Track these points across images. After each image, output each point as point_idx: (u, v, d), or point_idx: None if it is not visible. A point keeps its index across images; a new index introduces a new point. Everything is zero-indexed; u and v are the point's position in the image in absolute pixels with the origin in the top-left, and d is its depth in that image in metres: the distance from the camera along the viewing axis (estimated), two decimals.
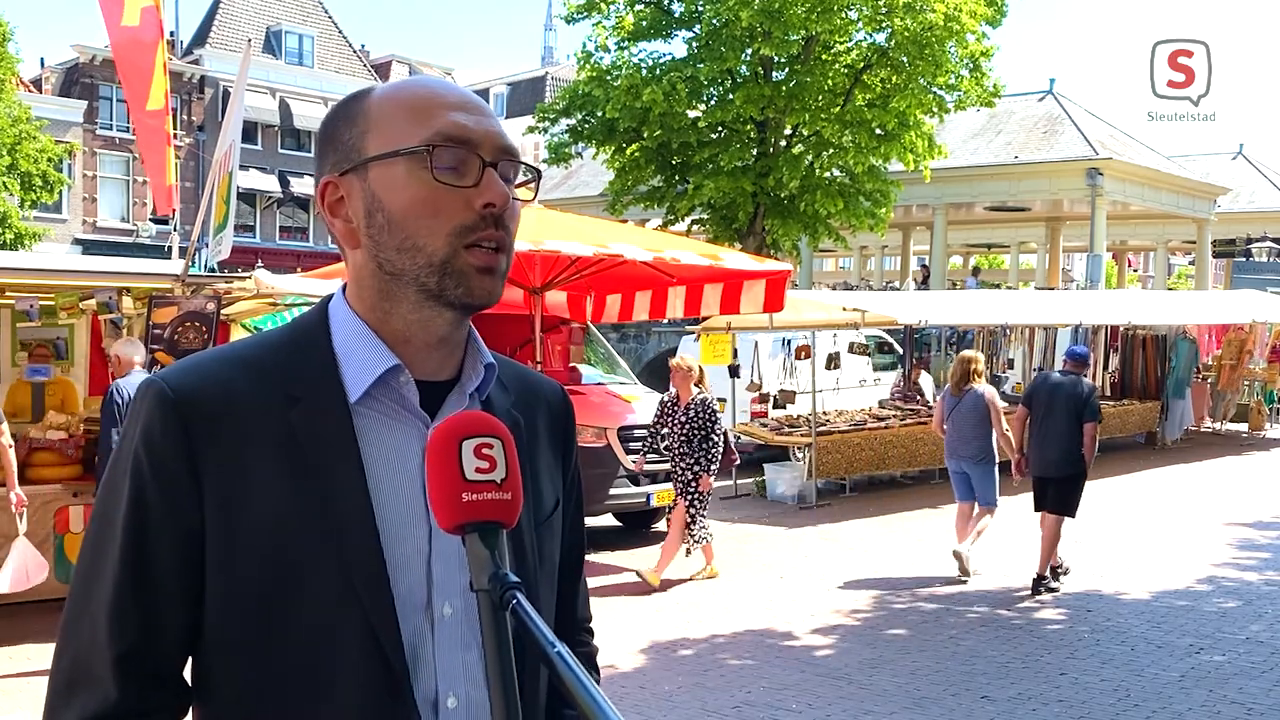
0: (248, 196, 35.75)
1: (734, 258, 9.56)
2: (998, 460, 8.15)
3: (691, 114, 19.99)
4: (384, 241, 1.12)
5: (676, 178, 20.82)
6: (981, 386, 8.23)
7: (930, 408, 14.34)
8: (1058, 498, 7.60)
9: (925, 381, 16.33)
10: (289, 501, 1.07)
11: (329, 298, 1.20)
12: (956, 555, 7.96)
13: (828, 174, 20.28)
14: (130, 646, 1.06)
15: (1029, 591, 7.62)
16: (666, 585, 8.09)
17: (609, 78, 19.89)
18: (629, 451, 9.37)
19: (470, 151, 1.11)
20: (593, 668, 1.37)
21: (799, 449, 11.99)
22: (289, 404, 1.10)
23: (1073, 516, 7.68)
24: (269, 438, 1.09)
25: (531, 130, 22.26)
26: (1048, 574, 7.60)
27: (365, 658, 1.06)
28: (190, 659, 1.12)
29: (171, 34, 33.36)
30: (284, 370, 1.13)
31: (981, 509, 8.11)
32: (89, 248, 31.56)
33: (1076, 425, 7.49)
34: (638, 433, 9.54)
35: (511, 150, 1.14)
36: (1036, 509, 7.74)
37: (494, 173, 1.11)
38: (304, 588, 1.06)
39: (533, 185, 1.21)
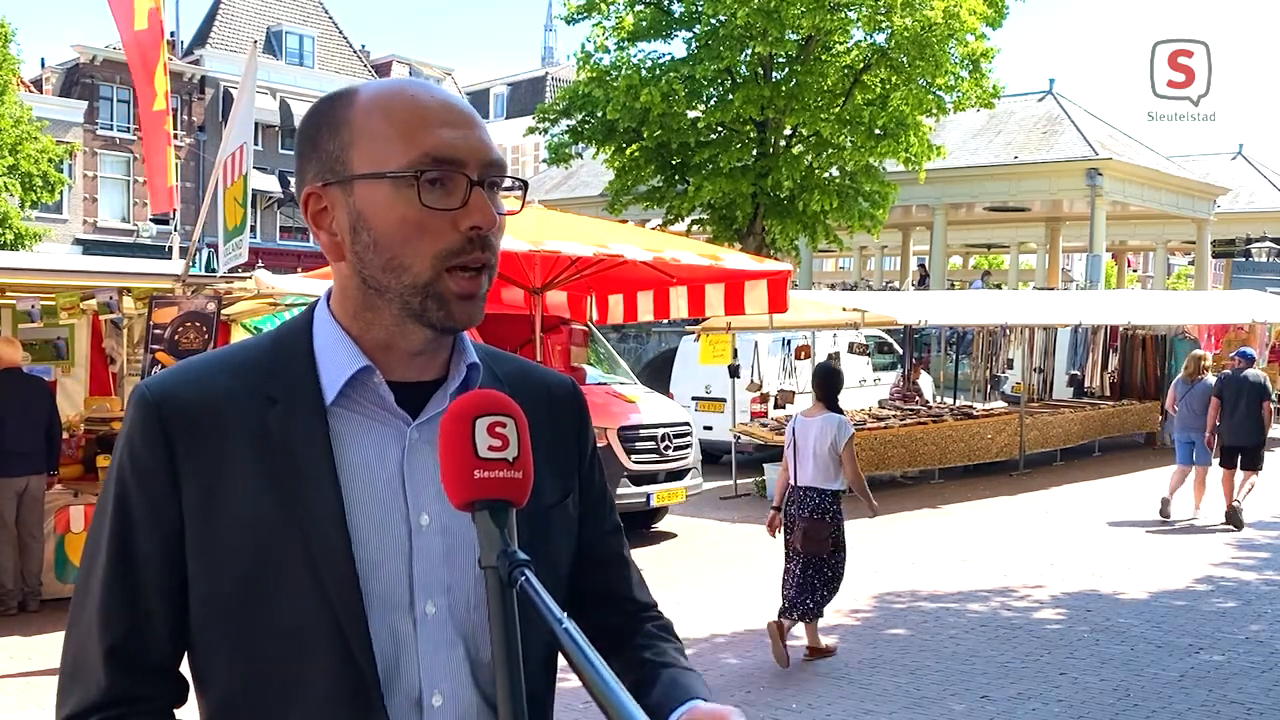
0: None
1: (734, 258, 9.57)
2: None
3: (691, 114, 19.98)
4: (369, 259, 1.12)
5: (676, 178, 20.81)
6: (1209, 379, 10.77)
7: (930, 407, 14.37)
8: (1249, 459, 10.35)
9: (925, 381, 16.34)
10: (262, 501, 1.09)
11: (316, 302, 1.20)
12: (1163, 507, 10.69)
13: (826, 174, 20.27)
14: (118, 641, 1.09)
15: (1224, 521, 10.23)
16: (667, 584, 8.11)
17: (609, 78, 19.89)
18: (630, 452, 9.39)
19: (457, 171, 1.10)
20: (672, 635, 1.36)
21: None
22: (267, 405, 1.12)
23: (1260, 470, 10.46)
24: (246, 438, 1.10)
25: (531, 131, 22.25)
26: (1239, 507, 10.28)
27: (335, 658, 1.08)
28: (188, 649, 1.14)
29: (172, 34, 33.35)
30: (265, 372, 1.14)
31: (1201, 467, 10.66)
32: (89, 248, 31.55)
33: (1259, 406, 10.32)
34: (643, 432, 9.56)
35: (498, 163, 1.13)
36: (1227, 467, 10.43)
37: (481, 193, 1.10)
38: (276, 587, 1.08)
39: (519, 194, 1.22)
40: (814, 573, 6.10)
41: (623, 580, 1.36)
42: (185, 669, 1.15)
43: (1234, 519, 10.25)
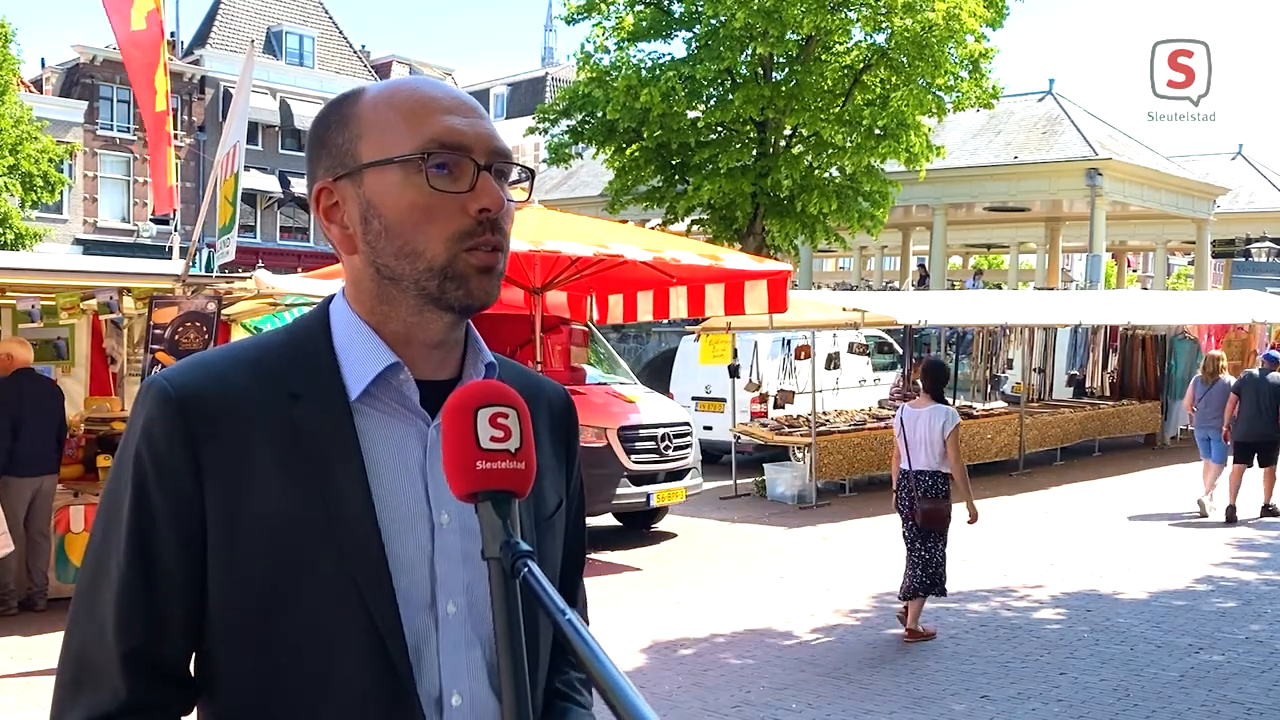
0: (248, 196, 35.68)
1: (733, 258, 9.58)
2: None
3: (691, 114, 19.98)
4: (381, 247, 1.12)
5: (676, 178, 20.82)
6: (1226, 378, 11.28)
7: None
8: (1265, 455, 10.73)
9: None
10: (290, 499, 1.07)
11: (330, 298, 1.20)
12: (1200, 503, 10.99)
13: (826, 174, 20.28)
14: (137, 643, 1.07)
15: (1259, 514, 10.73)
16: (667, 583, 8.11)
17: (609, 78, 19.90)
18: (630, 452, 9.39)
19: (464, 156, 1.11)
20: None
21: (799, 449, 12.00)
22: (290, 401, 1.11)
23: (1275, 464, 10.80)
24: (270, 435, 1.09)
25: (532, 131, 22.25)
26: (1273, 504, 10.84)
27: (368, 656, 1.07)
28: (195, 654, 1.12)
29: (172, 34, 33.34)
30: (285, 368, 1.13)
31: (1218, 465, 11.07)
32: (90, 248, 31.54)
33: (1275, 406, 10.63)
34: (643, 432, 9.56)
35: (504, 151, 1.14)
36: (1239, 462, 10.75)
37: (488, 176, 1.11)
38: (305, 586, 1.07)
39: (526, 185, 1.22)
40: (936, 547, 6.59)
41: (575, 597, 1.35)
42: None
43: (1267, 511, 10.83)
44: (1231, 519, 10.47)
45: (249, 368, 1.13)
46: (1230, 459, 10.86)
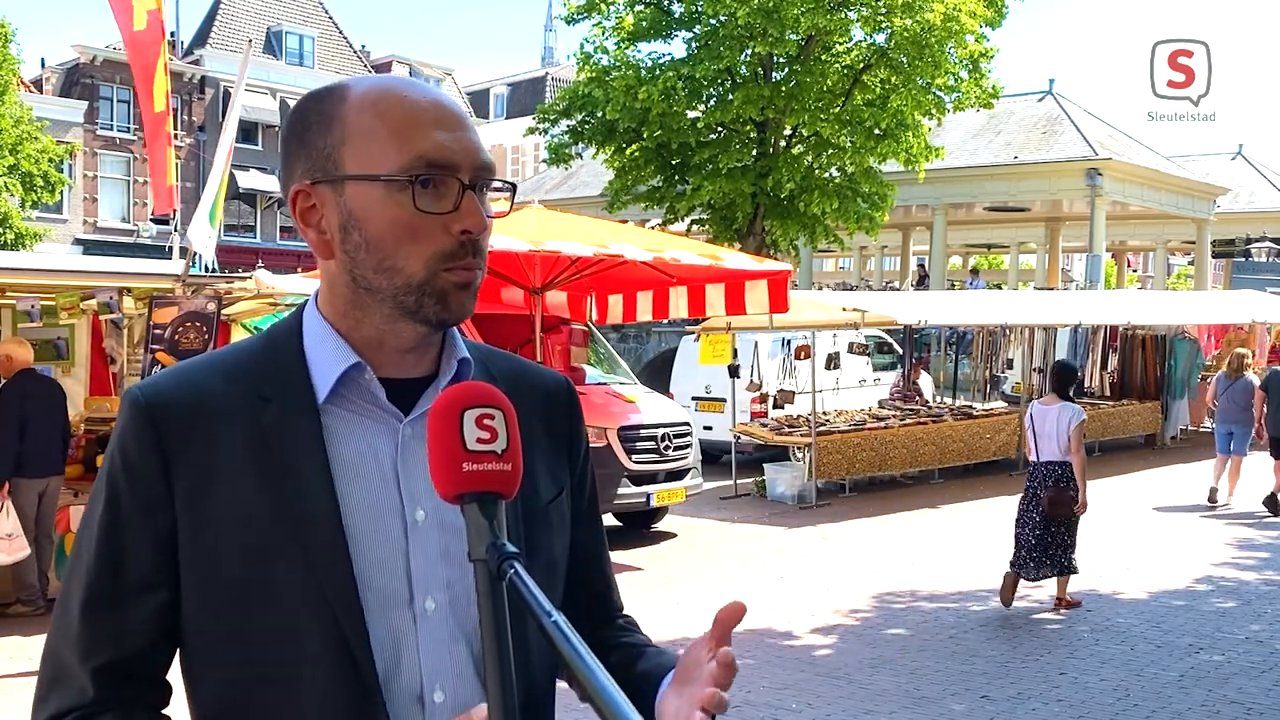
0: (248, 196, 35.77)
1: (734, 258, 9.58)
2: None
3: (691, 114, 19.98)
4: (361, 259, 1.12)
5: (676, 178, 20.82)
6: (1249, 375, 11.71)
7: (930, 408, 14.37)
8: None
9: (925, 381, 16.34)
10: (257, 501, 1.09)
11: (305, 302, 1.21)
12: (1214, 491, 11.54)
13: (826, 174, 20.28)
14: (102, 643, 1.09)
15: (1266, 510, 10.87)
16: (667, 584, 8.11)
17: (608, 78, 19.90)
18: (630, 452, 9.39)
19: (450, 174, 1.10)
20: (641, 630, 1.39)
21: (799, 449, 12.00)
22: (260, 405, 1.12)
23: None
24: (240, 439, 1.11)
25: (532, 131, 22.25)
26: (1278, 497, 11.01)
27: (333, 655, 1.07)
28: (179, 651, 1.14)
29: (172, 34, 33.32)
30: (257, 373, 1.14)
31: (1237, 456, 11.43)
32: (90, 248, 31.54)
33: None
34: (644, 432, 9.56)
35: (489, 166, 1.13)
36: (1275, 456, 11.08)
37: (473, 196, 1.11)
38: (272, 586, 1.08)
39: (508, 197, 1.22)
40: (1063, 532, 7.15)
41: (603, 579, 1.37)
42: (172, 672, 1.15)
43: (1273, 506, 11.01)
44: (1271, 506, 10.92)
45: (222, 373, 1.15)
46: (1249, 450, 11.34)
